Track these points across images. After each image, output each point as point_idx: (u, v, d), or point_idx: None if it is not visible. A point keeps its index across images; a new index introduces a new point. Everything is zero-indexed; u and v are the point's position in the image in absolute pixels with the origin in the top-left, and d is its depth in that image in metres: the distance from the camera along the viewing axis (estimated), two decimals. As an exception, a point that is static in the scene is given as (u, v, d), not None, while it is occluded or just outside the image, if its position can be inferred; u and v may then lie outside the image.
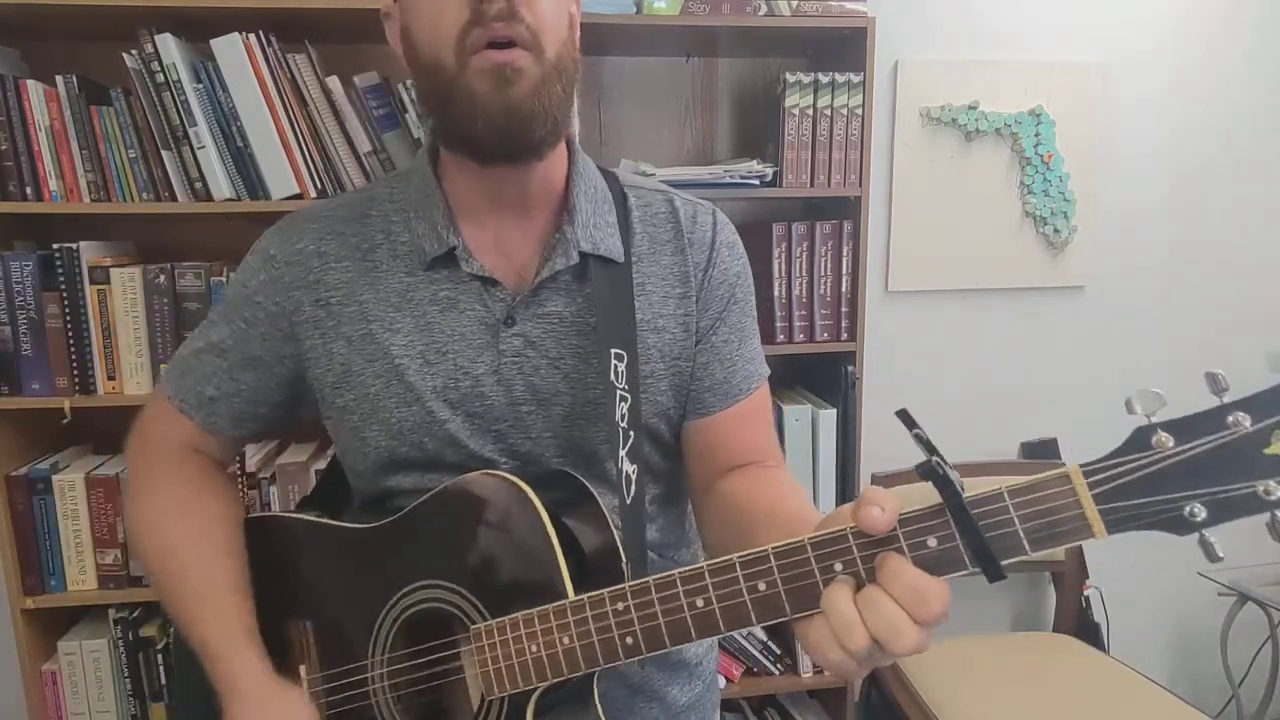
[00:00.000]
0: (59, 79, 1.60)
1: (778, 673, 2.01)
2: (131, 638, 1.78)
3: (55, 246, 1.64)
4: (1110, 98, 2.21)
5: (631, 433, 0.83)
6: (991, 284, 2.25)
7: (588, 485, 0.81)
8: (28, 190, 1.62)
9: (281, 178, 1.65)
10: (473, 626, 0.77)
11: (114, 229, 1.80)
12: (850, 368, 1.91)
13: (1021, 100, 2.16)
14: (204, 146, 1.62)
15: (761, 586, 0.63)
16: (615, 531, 0.79)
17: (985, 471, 2.08)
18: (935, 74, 2.13)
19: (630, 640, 0.68)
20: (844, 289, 1.92)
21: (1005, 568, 0.56)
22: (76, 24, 1.67)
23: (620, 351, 0.83)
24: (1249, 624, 2.25)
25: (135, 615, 1.79)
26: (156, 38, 1.58)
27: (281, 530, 0.93)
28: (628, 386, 0.83)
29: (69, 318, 1.66)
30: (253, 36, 1.61)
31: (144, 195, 1.65)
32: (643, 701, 0.95)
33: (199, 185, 1.64)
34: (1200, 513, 0.52)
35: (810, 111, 1.84)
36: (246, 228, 1.80)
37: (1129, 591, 2.37)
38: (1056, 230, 2.23)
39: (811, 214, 1.96)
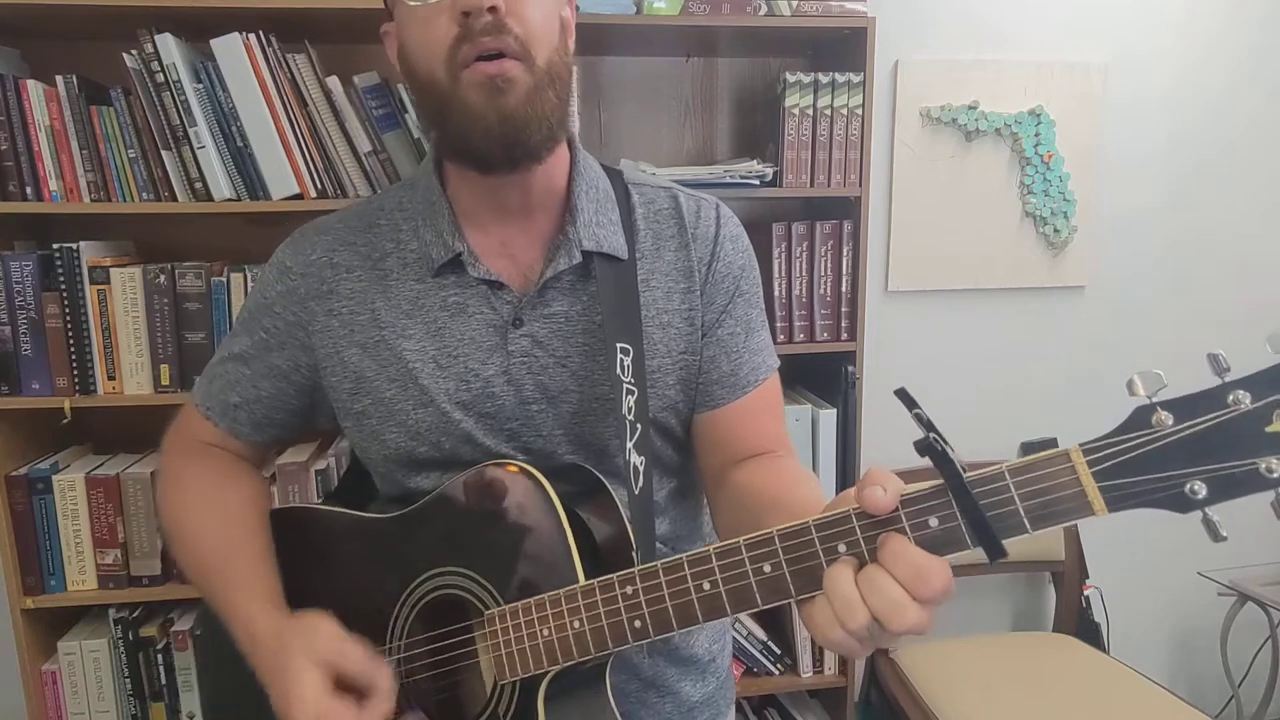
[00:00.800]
0: (59, 79, 1.60)
1: (778, 673, 2.01)
2: (131, 638, 1.78)
3: (55, 246, 1.64)
4: (1110, 98, 2.21)
5: (639, 425, 0.84)
6: (991, 284, 2.25)
7: (600, 477, 0.83)
8: (28, 190, 1.63)
9: (281, 178, 1.65)
10: (486, 612, 0.78)
11: (114, 229, 1.81)
12: (850, 368, 1.91)
13: (1021, 100, 2.16)
14: (204, 146, 1.62)
15: (767, 568, 0.64)
16: (626, 521, 0.80)
17: (985, 471, 2.08)
18: (935, 74, 2.13)
19: (639, 624, 0.70)
20: (844, 289, 1.92)
21: (1004, 547, 0.56)
22: (76, 24, 1.67)
23: (626, 346, 0.85)
24: (1249, 624, 2.25)
25: (135, 615, 1.79)
26: (156, 38, 1.58)
27: (305, 520, 0.96)
28: (634, 380, 0.84)
29: (69, 318, 1.66)
30: (253, 36, 1.61)
31: (144, 195, 1.65)
32: (655, 696, 0.96)
33: (199, 185, 1.64)
34: (1201, 490, 0.52)
35: (810, 111, 1.84)
36: (246, 228, 1.84)
37: (1129, 591, 2.37)
38: (1056, 230, 2.23)
39: (811, 214, 1.96)
